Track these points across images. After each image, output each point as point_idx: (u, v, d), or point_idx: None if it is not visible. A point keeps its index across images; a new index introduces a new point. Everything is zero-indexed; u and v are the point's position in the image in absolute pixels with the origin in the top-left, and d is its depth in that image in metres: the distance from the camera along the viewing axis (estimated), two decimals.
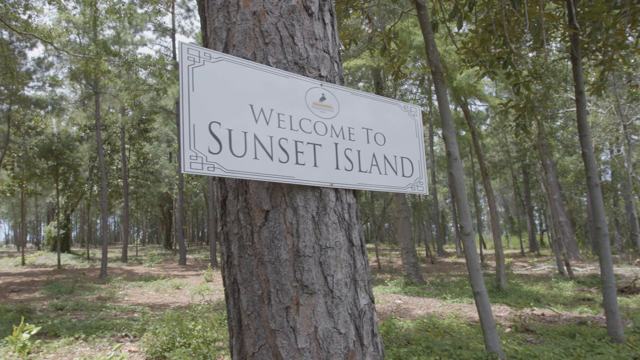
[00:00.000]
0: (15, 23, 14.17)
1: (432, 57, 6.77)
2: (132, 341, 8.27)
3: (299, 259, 1.73)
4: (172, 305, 12.62)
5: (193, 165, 1.53)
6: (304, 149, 1.81)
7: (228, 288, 1.89)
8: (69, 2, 20.37)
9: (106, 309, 12.19)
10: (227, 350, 7.25)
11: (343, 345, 1.74)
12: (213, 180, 2.02)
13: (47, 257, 33.44)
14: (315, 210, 1.79)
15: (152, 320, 9.62)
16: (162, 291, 15.89)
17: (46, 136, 28.82)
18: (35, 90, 25.95)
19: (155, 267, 25.81)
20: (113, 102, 29.25)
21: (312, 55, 1.91)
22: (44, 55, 27.50)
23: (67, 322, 10.06)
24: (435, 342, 7.12)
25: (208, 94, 1.62)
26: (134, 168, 36.17)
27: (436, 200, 39.86)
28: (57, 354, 7.48)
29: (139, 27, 29.40)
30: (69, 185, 30.15)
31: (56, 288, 16.62)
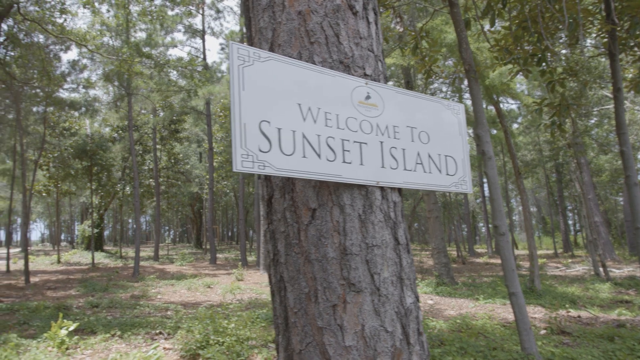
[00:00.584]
0: (52, 27, 14.48)
1: (465, 55, 6.71)
2: (166, 339, 8.38)
3: (345, 257, 1.74)
4: (204, 304, 12.75)
5: (244, 163, 1.55)
6: (351, 147, 1.82)
7: (274, 286, 1.91)
8: (102, 5, 20.72)
9: (140, 306, 12.37)
10: (260, 349, 7.31)
11: (390, 344, 1.74)
12: (258, 179, 2.04)
13: (81, 256, 34.12)
14: (362, 209, 1.80)
15: (185, 319, 9.73)
16: (194, 290, 16.06)
17: (80, 137, 29.42)
18: (70, 92, 26.45)
19: (186, 266, 26.11)
20: (145, 103, 29.71)
21: (357, 54, 1.91)
22: (78, 57, 28.04)
23: (103, 319, 10.25)
24: (469, 343, 7.05)
25: (258, 93, 1.64)
26: (165, 168, 36.65)
27: (467, 200, 39.47)
28: (94, 350, 7.62)
29: (170, 29, 29.76)
30: (102, 185, 30.70)
31: (91, 286, 16.94)
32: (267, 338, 7.87)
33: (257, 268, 23.37)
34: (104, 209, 35.68)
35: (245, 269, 22.51)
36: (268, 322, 9.55)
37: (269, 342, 7.74)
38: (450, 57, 15.08)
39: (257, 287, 16.41)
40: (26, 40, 14.73)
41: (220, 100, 28.53)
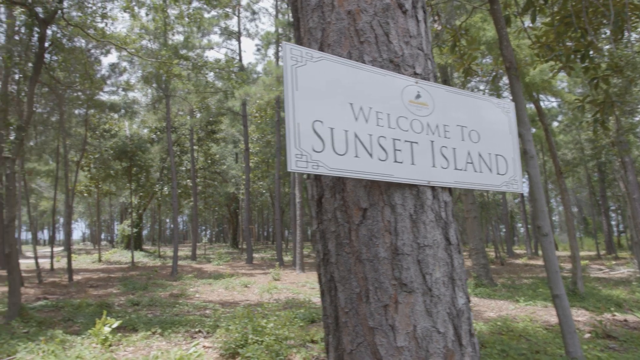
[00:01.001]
0: (93, 31, 14.80)
1: (506, 53, 6.60)
2: (206, 337, 8.48)
3: (397, 257, 1.72)
4: (242, 303, 12.86)
5: (298, 163, 1.55)
6: (402, 146, 1.81)
7: (324, 285, 1.91)
8: (141, 9, 21.11)
9: (179, 305, 12.55)
10: (299, 349, 7.33)
11: (442, 345, 1.72)
12: (307, 179, 2.04)
13: (121, 255, 34.81)
14: (413, 209, 1.78)
15: (223, 317, 9.83)
16: (231, 289, 16.21)
17: (120, 138, 30.03)
18: (109, 94, 27.06)
19: (223, 266, 26.39)
20: (182, 104, 30.14)
21: (407, 52, 1.90)
22: (118, 61, 28.63)
23: (144, 317, 10.44)
24: (511, 346, 6.93)
25: (311, 93, 1.65)
26: (202, 169, 37.13)
27: (505, 200, 38.82)
28: (136, 348, 7.76)
29: (206, 31, 30.14)
30: (141, 186, 31.30)
31: (131, 284, 17.26)
32: (305, 338, 7.89)
33: (293, 268, 23.46)
34: (142, 209, 36.35)
35: (282, 268, 22.62)
36: (306, 322, 9.58)
37: (307, 342, 7.77)
38: (488, 55, 14.86)
39: (294, 287, 16.47)
40: (69, 45, 15.09)
41: (256, 101, 28.76)
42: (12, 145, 11.48)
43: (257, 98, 24.62)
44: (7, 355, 7.29)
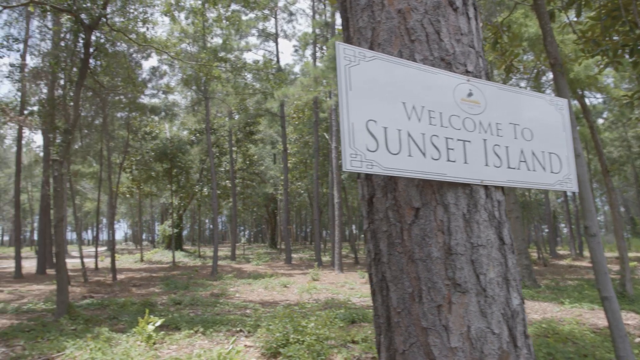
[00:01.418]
0: (134, 36, 15.12)
1: (550, 49, 6.44)
2: (247, 336, 8.56)
3: (450, 256, 1.71)
4: (282, 303, 12.93)
5: (353, 163, 1.56)
6: (454, 145, 1.79)
7: (375, 285, 1.90)
8: (180, 13, 21.47)
9: (220, 304, 12.71)
10: (340, 349, 7.33)
11: (497, 346, 1.69)
12: (358, 179, 2.04)
13: (162, 255, 35.45)
14: (466, 208, 1.76)
15: (264, 317, 9.89)
16: (271, 289, 16.33)
17: (160, 140, 30.60)
18: (150, 97, 27.62)
19: (262, 266, 26.60)
20: (221, 106, 30.52)
21: (458, 50, 1.88)
22: (158, 64, 29.17)
23: (186, 316, 10.61)
24: (557, 349, 6.78)
25: (364, 92, 1.65)
26: (241, 169, 37.50)
27: (548, 200, 37.99)
28: (179, 346, 7.89)
29: (244, 34, 30.43)
30: (182, 187, 31.81)
31: (172, 284, 17.58)
32: (346, 338, 7.89)
33: (332, 268, 23.48)
34: (183, 210, 36.94)
35: (321, 269, 22.66)
36: (346, 322, 9.57)
37: (348, 342, 7.76)
38: (530, 51, 14.57)
39: (333, 287, 16.49)
40: (112, 50, 15.46)
41: (294, 102, 28.90)
42: (59, 148, 11.83)
43: (295, 99, 24.73)
44: (57, 352, 7.51)
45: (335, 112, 23.16)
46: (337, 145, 22.92)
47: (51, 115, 15.26)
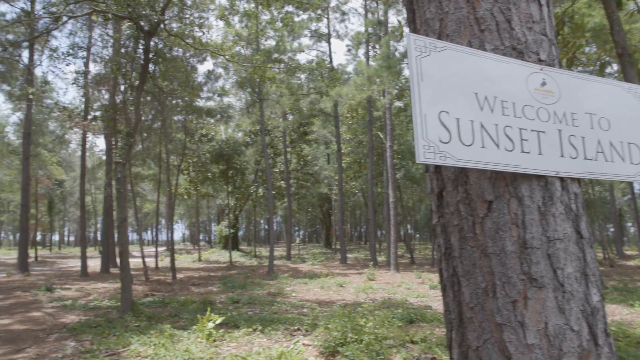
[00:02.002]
0: (190, 40, 15.45)
1: (617, 38, 6.20)
2: (305, 335, 8.59)
3: (525, 250, 1.66)
4: (338, 303, 12.94)
5: (426, 154, 1.54)
6: (528, 136, 1.74)
7: (446, 280, 1.87)
8: (234, 17, 21.85)
9: (277, 303, 12.83)
10: (399, 349, 7.26)
11: (576, 344, 1.63)
12: (426, 173, 2.01)
13: (219, 255, 36.12)
14: (541, 201, 1.71)
15: (321, 316, 9.91)
16: (327, 288, 16.37)
17: (216, 142, 31.19)
18: (205, 100, 28.20)
19: (317, 265, 26.71)
20: (275, 107, 30.83)
21: (530, 39, 1.83)
22: (213, 68, 29.72)
23: (244, 314, 10.77)
24: (630, 353, 6.50)
25: (436, 83, 1.62)
26: (295, 170, 37.78)
27: (613, 197, 36.56)
28: (239, 344, 8.00)
29: (297, 35, 30.63)
30: (237, 188, 32.32)
31: (230, 283, 17.87)
32: (405, 338, 7.82)
33: (387, 268, 23.34)
34: (238, 210, 37.51)
35: (376, 269, 22.55)
36: (404, 322, 9.49)
37: (406, 342, 7.69)
38: (593, 42, 14.05)
39: (389, 287, 16.38)
40: (169, 55, 15.87)
41: (347, 102, 28.89)
42: (122, 151, 12.24)
43: (349, 98, 24.72)
44: (123, 347, 7.77)
45: (389, 110, 23.01)
46: (392, 144, 22.76)
47: (113, 120, 15.78)
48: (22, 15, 19.94)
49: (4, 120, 47.64)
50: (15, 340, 8.96)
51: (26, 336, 9.32)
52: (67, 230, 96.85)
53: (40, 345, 8.43)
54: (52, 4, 12.73)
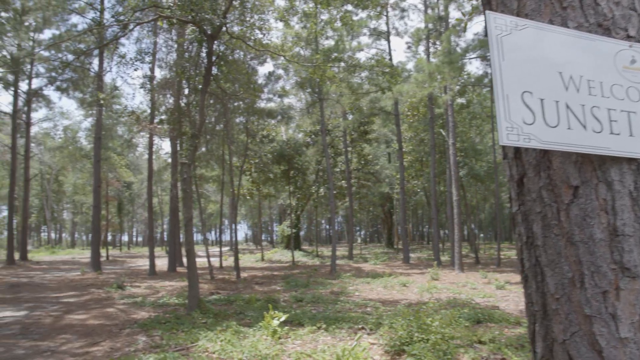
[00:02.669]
0: (251, 42, 15.67)
1: None
2: (369, 334, 8.54)
3: (616, 238, 1.56)
4: (402, 302, 12.80)
5: (510, 136, 1.47)
6: (618, 117, 1.64)
7: (528, 270, 1.79)
8: (294, 17, 22.02)
9: (340, 302, 12.81)
10: (467, 349, 7.11)
11: None
12: (504, 160, 1.93)
13: (281, 254, 36.52)
14: (633, 185, 1.61)
15: (385, 315, 9.83)
16: (390, 288, 16.24)
17: (277, 143, 31.54)
18: (266, 102, 28.57)
19: (380, 265, 26.56)
20: (335, 107, 30.88)
21: (618, 14, 1.72)
22: (273, 69, 30.06)
23: (308, 312, 10.81)
24: None
25: (518, 63, 1.56)
26: (356, 169, 37.74)
27: None
28: (303, 341, 8.03)
29: (355, 34, 30.55)
30: (299, 188, 32.57)
31: (293, 282, 18.01)
32: (472, 338, 7.64)
33: (451, 268, 22.93)
34: (300, 210, 37.81)
35: (440, 268, 22.19)
36: (471, 322, 9.28)
37: (474, 342, 7.51)
38: None
39: (454, 287, 16.07)
40: (232, 57, 16.16)
41: (408, 99, 28.60)
42: (187, 152, 12.56)
43: (410, 96, 24.46)
44: (191, 342, 7.97)
45: (451, 107, 22.61)
46: (455, 142, 22.35)
47: (179, 122, 16.25)
48: (93, 24, 20.83)
49: (77, 126, 50.07)
50: (91, 334, 9.36)
51: (101, 330, 9.71)
52: (135, 230, 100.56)
53: (113, 340, 8.77)
54: (120, 13, 13.25)
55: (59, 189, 64.51)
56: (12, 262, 30.37)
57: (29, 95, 35.04)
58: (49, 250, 53.22)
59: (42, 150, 54.27)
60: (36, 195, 61.23)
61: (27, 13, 26.92)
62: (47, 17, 29.97)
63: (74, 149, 45.90)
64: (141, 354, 7.37)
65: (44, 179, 59.60)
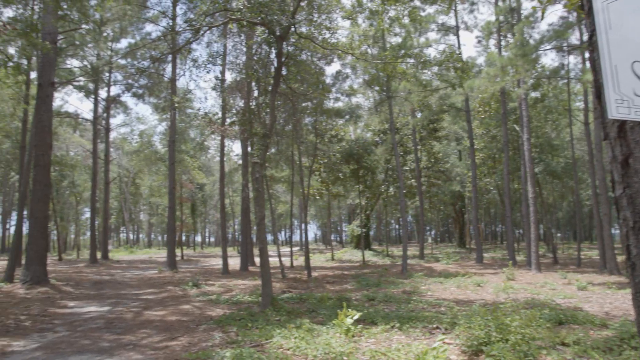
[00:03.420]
0: (319, 41, 15.70)
1: None
2: (444, 333, 8.36)
3: None
4: (477, 302, 12.47)
5: (619, 110, 1.35)
6: None
7: (636, 258, 1.65)
8: (361, 15, 21.92)
9: (413, 301, 12.64)
10: (549, 350, 6.82)
11: None
12: (604, 140, 1.79)
13: (351, 254, 36.51)
14: None
15: (460, 315, 9.59)
16: (464, 288, 15.89)
17: (346, 142, 31.54)
18: (334, 101, 28.62)
19: (452, 265, 26.05)
20: (403, 105, 30.54)
21: None
22: (340, 68, 30.08)
23: (381, 311, 10.72)
24: None
25: (626, 31, 1.43)
26: (425, 168, 37.20)
27: None
28: (377, 340, 7.96)
29: (423, 30, 30.09)
30: (368, 187, 32.43)
31: (364, 281, 17.94)
32: (555, 340, 7.33)
33: (527, 268, 22.15)
34: (370, 210, 37.65)
35: (515, 268, 21.47)
36: (552, 323, 8.91)
37: (557, 344, 7.19)
38: None
39: (532, 287, 15.51)
40: (300, 57, 16.27)
41: (478, 95, 27.88)
42: (259, 152, 12.75)
43: (481, 91, 23.83)
44: (265, 339, 8.05)
45: (525, 101, 21.84)
46: (529, 137, 21.57)
47: (250, 123, 16.53)
48: (168, 29, 21.56)
49: (151, 130, 52.10)
50: (169, 329, 9.68)
51: (178, 326, 10.03)
52: (208, 231, 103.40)
53: (191, 335, 9.01)
54: (191, 19, 13.63)
55: (136, 192, 67.48)
56: (95, 261, 32.00)
57: (107, 102, 36.81)
58: (127, 249, 55.71)
59: (120, 155, 56.96)
60: (115, 197, 64.19)
61: (106, 24, 28.20)
62: (124, 27, 31.34)
63: (150, 152, 47.75)
64: (218, 349, 7.53)
65: (122, 181, 62.51)
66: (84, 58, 32.74)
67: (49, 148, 17.68)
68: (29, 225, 17.48)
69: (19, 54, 20.60)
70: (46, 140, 17.44)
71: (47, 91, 17.73)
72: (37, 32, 13.11)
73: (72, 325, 10.40)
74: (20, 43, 15.74)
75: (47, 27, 17.00)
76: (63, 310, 12.54)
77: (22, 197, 20.03)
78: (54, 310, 12.42)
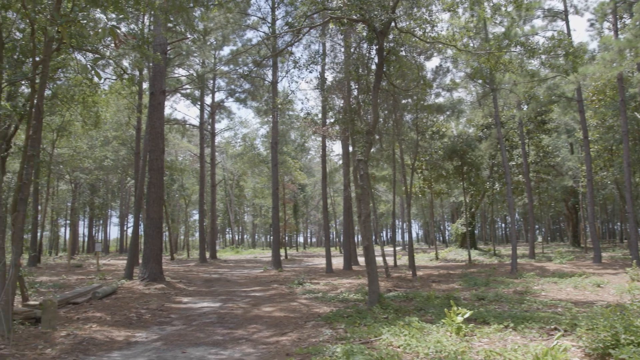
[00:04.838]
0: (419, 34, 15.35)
1: None
2: (564, 335, 7.86)
3: None
4: (598, 303, 11.65)
5: None
6: None
7: None
8: (462, 5, 21.22)
9: (526, 302, 12.17)
10: None
11: None
12: None
13: (456, 253, 35.72)
14: None
15: (580, 316, 8.97)
16: (582, 288, 14.94)
17: (448, 139, 30.76)
18: (434, 97, 28.02)
19: (566, 264, 24.61)
20: (508, 97, 29.29)
21: None
22: (440, 63, 29.33)
23: (492, 311, 10.37)
24: None
25: None
26: (534, 163, 35.49)
27: None
28: (490, 340, 7.73)
29: (528, 17, 28.67)
30: (473, 184, 31.43)
31: (471, 280, 17.40)
32: None
33: None
34: (474, 208, 36.54)
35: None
36: None
37: None
38: None
39: None
40: (401, 53, 16.02)
41: (591, 83, 26.13)
42: (362, 149, 12.67)
43: (594, 79, 22.27)
44: (374, 336, 7.97)
45: None
46: None
47: (351, 122, 16.51)
48: (268, 34, 22.07)
49: (254, 134, 53.83)
50: (278, 325, 9.89)
51: (287, 322, 10.21)
52: (310, 232, 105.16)
53: (300, 331, 9.13)
54: (290, 23, 13.80)
55: (240, 194, 69.98)
56: (204, 260, 33.51)
57: (212, 107, 38.46)
58: (233, 250, 57.90)
59: (224, 158, 59.33)
60: (221, 199, 66.95)
61: (209, 33, 29.39)
62: (226, 35, 32.51)
63: (253, 155, 49.31)
64: (328, 344, 7.55)
65: (227, 184, 65.05)
66: (190, 67, 34.44)
67: (162, 152, 18.71)
68: (144, 226, 18.58)
69: (132, 66, 21.92)
70: (159, 145, 18.47)
71: (158, 99, 18.79)
72: (149, 44, 13.81)
73: (188, 319, 10.92)
74: (134, 55, 16.71)
75: (157, 39, 18.01)
76: (178, 305, 13.20)
77: (138, 200, 21.30)
78: (170, 305, 13.10)
